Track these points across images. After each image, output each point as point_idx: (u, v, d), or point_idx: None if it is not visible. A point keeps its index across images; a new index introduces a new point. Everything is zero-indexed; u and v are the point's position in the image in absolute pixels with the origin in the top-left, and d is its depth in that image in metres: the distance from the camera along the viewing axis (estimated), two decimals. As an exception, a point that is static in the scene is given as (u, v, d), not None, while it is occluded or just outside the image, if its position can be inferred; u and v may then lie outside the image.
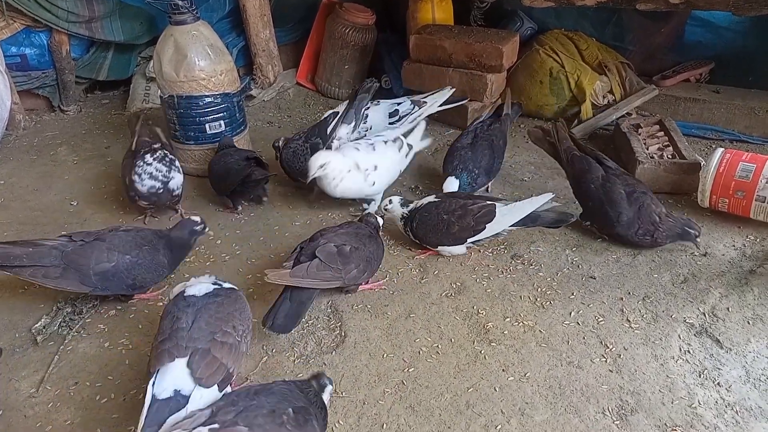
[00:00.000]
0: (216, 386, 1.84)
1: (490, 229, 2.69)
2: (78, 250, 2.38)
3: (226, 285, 2.15)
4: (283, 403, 1.74)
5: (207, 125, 3.41)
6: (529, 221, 2.72)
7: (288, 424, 1.69)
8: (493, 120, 3.35)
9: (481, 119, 3.37)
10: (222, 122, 3.44)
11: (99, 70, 4.60)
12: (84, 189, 3.51)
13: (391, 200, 2.87)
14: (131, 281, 2.45)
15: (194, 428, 1.63)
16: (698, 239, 2.67)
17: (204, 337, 1.89)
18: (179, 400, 1.74)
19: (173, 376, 1.79)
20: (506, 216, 2.69)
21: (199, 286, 2.08)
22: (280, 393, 1.78)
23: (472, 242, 2.74)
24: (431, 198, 2.83)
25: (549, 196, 2.75)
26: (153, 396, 1.74)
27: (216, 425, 1.64)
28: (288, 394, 1.79)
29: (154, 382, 1.77)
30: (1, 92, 3.85)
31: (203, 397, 1.79)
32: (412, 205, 2.84)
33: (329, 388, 1.91)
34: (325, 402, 1.86)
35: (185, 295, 2.04)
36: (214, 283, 2.12)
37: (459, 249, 2.76)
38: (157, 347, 1.88)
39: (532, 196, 3.17)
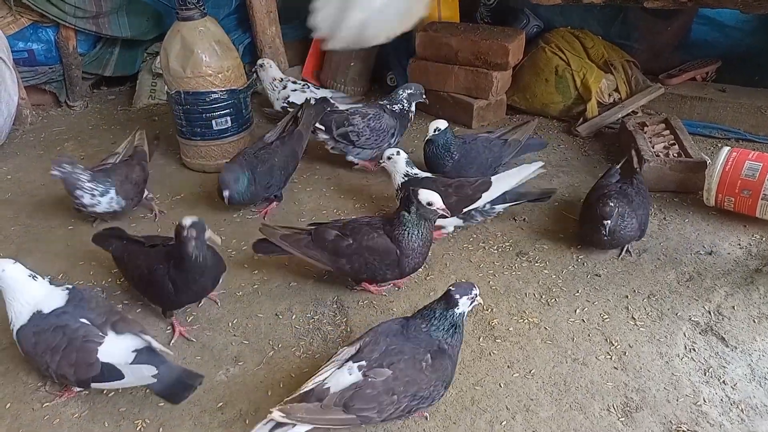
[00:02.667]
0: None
1: (486, 197, 2.78)
2: None
3: None
4: (420, 349, 1.88)
5: (213, 121, 3.42)
6: (518, 196, 2.88)
7: (426, 371, 1.86)
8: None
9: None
10: (228, 118, 3.45)
11: (106, 65, 4.61)
12: (90, 184, 3.51)
13: (399, 152, 2.89)
14: None
15: (345, 362, 1.86)
16: (607, 224, 2.55)
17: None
18: None
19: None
20: (499, 183, 2.81)
21: None
22: (417, 338, 1.91)
23: (464, 213, 2.79)
24: (428, 174, 2.92)
25: (539, 164, 2.91)
26: None
27: (363, 362, 1.85)
28: (425, 338, 1.91)
29: None
30: (8, 87, 3.86)
31: None
32: (414, 171, 2.90)
33: (465, 299, 1.93)
34: (464, 314, 1.94)
35: None
36: None
37: (450, 221, 2.79)
38: None
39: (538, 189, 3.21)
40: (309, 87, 4.10)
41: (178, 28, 3.30)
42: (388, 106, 3.45)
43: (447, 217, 2.44)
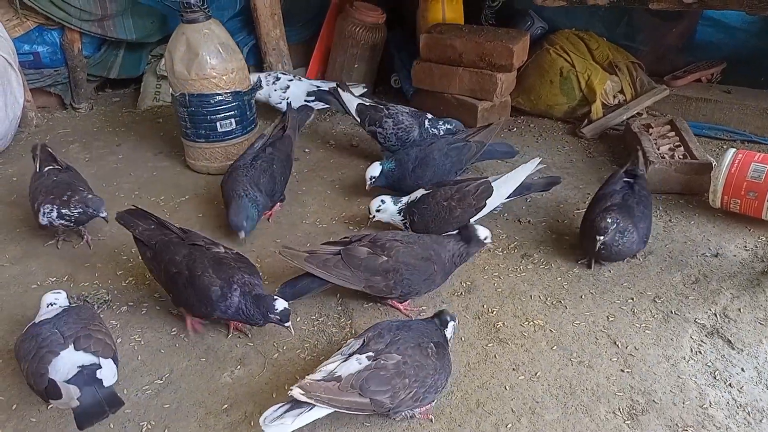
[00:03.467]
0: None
1: (490, 204, 2.78)
2: None
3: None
4: (424, 338, 2.00)
5: (218, 123, 3.42)
6: (523, 190, 2.88)
7: (432, 357, 1.96)
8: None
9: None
10: (233, 120, 3.46)
11: (110, 68, 4.63)
12: (95, 186, 3.48)
13: (383, 200, 2.85)
14: None
15: (350, 354, 1.92)
16: (599, 239, 2.50)
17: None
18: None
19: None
20: (502, 188, 2.80)
21: None
22: (418, 330, 2.04)
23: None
24: (422, 191, 2.85)
25: (537, 160, 2.92)
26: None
27: (371, 353, 1.91)
28: (425, 331, 2.04)
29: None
30: (14, 90, 3.87)
31: None
32: (405, 200, 2.87)
33: (452, 324, 2.11)
34: (449, 337, 2.09)
35: None
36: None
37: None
38: None
39: (543, 195, 3.20)
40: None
41: (182, 30, 3.31)
42: (426, 125, 3.44)
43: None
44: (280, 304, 2.18)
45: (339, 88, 3.60)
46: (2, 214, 3.23)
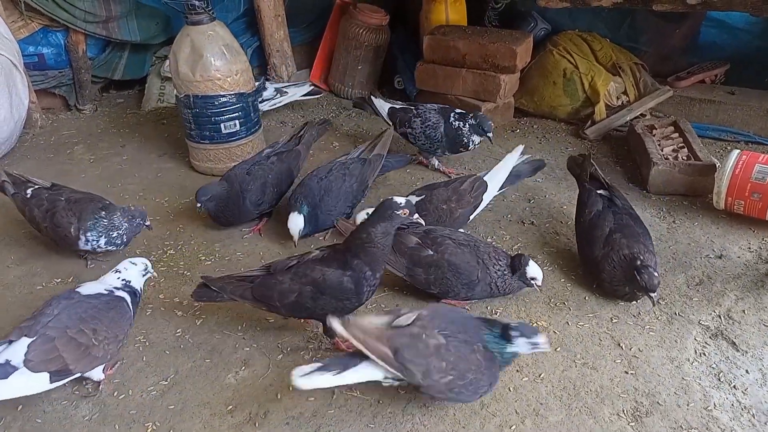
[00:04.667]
0: (47, 374, 1.96)
1: (486, 198, 2.81)
2: None
3: (119, 292, 2.19)
4: (475, 337, 1.90)
5: (222, 125, 3.43)
6: (514, 179, 2.89)
7: (477, 354, 1.88)
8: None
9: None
10: (237, 122, 3.47)
11: (115, 69, 4.64)
12: (100, 187, 3.52)
13: (369, 213, 2.76)
14: None
15: (398, 316, 1.90)
16: (654, 297, 2.32)
17: (57, 327, 2.01)
18: (7, 369, 1.92)
19: (14, 351, 1.95)
20: (494, 181, 2.82)
21: (90, 287, 2.20)
22: (473, 327, 1.93)
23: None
24: (413, 198, 2.79)
25: (521, 147, 2.93)
26: None
27: (418, 328, 1.86)
28: (479, 333, 1.92)
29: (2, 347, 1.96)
30: (19, 91, 3.89)
31: (29, 379, 1.94)
32: None
33: (522, 341, 1.90)
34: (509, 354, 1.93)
35: (74, 290, 2.17)
36: (107, 288, 2.19)
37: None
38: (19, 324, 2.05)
39: (546, 197, 3.21)
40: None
41: (187, 32, 3.32)
42: (451, 119, 3.34)
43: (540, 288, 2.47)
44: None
45: (372, 96, 3.63)
46: (7, 215, 3.24)
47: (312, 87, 4.32)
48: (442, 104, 3.57)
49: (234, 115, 3.44)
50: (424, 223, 2.37)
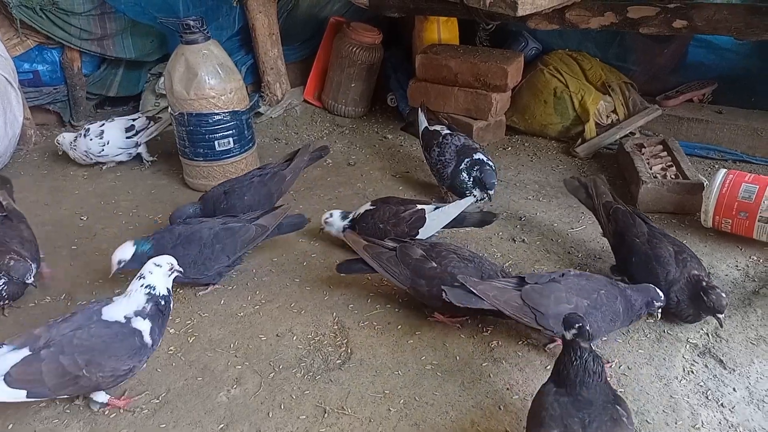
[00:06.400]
0: (24, 391, 1.97)
1: (422, 233, 2.83)
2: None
3: (138, 322, 2.12)
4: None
5: (216, 142, 3.46)
6: (456, 223, 2.89)
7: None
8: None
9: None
10: (231, 139, 3.50)
11: (109, 86, 4.67)
12: (94, 204, 3.55)
13: (331, 214, 2.95)
14: None
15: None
16: (721, 317, 2.32)
17: (53, 350, 2.00)
18: None
19: (6, 359, 1.97)
20: (435, 221, 2.85)
21: (113, 311, 2.13)
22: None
23: None
24: (367, 206, 2.93)
25: (471, 200, 3.01)
26: None
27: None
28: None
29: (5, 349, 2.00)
30: (13, 108, 3.91)
31: (4, 391, 1.96)
32: (351, 216, 2.94)
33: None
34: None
35: (99, 311, 2.13)
36: (127, 315, 2.12)
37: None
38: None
39: (537, 214, 3.24)
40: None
41: (182, 51, 3.35)
42: (462, 164, 3.20)
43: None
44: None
45: (420, 109, 3.59)
46: None
47: (148, 119, 4.04)
48: (471, 141, 3.39)
49: (228, 132, 3.47)
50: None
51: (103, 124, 3.87)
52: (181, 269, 2.30)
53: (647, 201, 3.18)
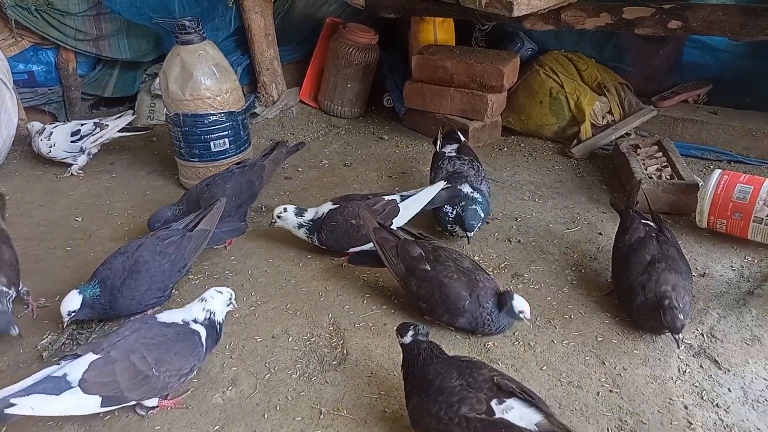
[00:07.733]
0: (99, 397, 1.95)
1: (396, 222, 2.84)
2: None
3: (196, 325, 2.17)
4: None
5: (212, 143, 3.46)
6: (427, 205, 2.92)
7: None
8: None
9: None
10: (226, 140, 3.49)
11: (105, 87, 4.66)
12: (89, 205, 3.54)
13: (285, 208, 2.89)
14: None
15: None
16: (678, 338, 2.28)
17: (122, 349, 2.02)
18: (61, 385, 1.92)
19: (76, 366, 1.96)
20: (408, 209, 2.87)
21: (170, 315, 2.20)
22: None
23: None
24: (329, 205, 2.89)
25: (441, 184, 2.95)
26: (51, 370, 1.96)
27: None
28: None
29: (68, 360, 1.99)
30: (8, 109, 3.89)
31: (80, 399, 1.93)
32: (309, 215, 2.89)
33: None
34: None
35: (153, 315, 2.22)
36: (185, 319, 2.18)
37: (368, 246, 2.80)
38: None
39: (533, 215, 3.24)
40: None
41: (177, 51, 3.35)
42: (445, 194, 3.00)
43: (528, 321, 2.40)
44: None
45: (440, 129, 3.46)
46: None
47: (134, 117, 4.10)
48: (467, 167, 3.12)
49: (223, 133, 3.47)
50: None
51: (56, 126, 3.90)
52: (236, 304, 2.35)
53: (642, 201, 3.18)
